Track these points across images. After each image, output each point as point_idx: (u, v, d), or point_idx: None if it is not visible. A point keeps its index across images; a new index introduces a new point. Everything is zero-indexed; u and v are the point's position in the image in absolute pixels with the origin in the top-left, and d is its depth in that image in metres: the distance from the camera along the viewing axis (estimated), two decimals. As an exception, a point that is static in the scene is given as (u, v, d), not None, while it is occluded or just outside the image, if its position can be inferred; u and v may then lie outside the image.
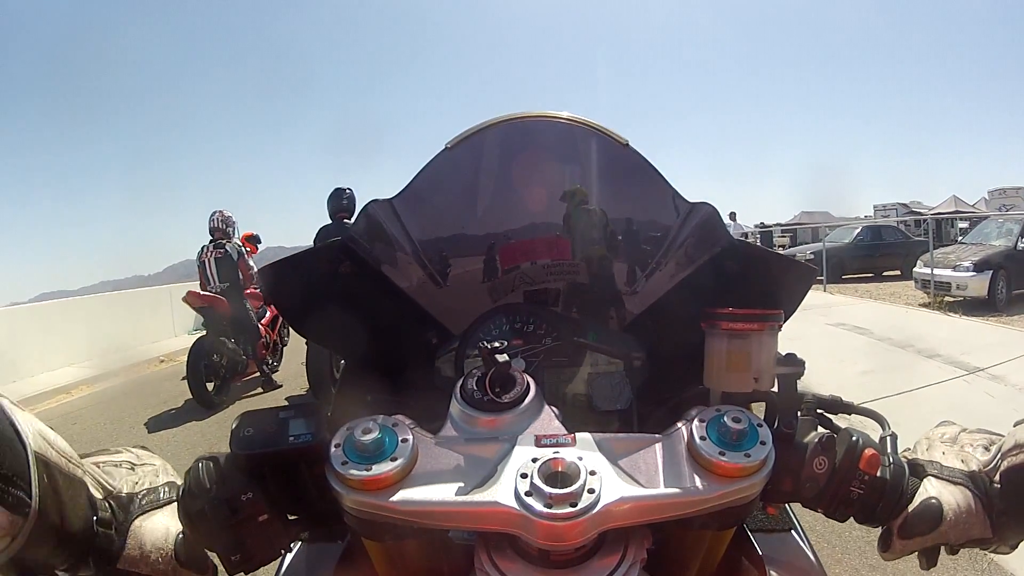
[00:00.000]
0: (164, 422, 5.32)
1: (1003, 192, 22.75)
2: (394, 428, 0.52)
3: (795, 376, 0.60)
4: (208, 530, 0.51)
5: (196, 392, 5.44)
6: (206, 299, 5.75)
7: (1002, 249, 9.11)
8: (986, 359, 5.33)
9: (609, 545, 0.51)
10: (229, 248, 5.99)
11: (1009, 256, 8.89)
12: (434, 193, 0.84)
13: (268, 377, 6.17)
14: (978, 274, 8.66)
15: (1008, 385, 4.64)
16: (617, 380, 0.84)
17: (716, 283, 0.76)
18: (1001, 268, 8.73)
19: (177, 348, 9.22)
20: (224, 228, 6.10)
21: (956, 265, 9.00)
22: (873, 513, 0.57)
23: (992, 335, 6.65)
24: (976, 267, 8.72)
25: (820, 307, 9.01)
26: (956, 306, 8.89)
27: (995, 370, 5.03)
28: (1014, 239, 9.15)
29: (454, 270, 0.88)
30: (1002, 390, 4.55)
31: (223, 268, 5.95)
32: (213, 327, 5.78)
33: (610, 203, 0.86)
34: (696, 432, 0.52)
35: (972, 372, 5.04)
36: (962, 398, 4.41)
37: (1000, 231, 9.81)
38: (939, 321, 7.90)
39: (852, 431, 0.58)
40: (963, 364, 5.28)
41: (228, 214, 6.16)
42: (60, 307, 9.35)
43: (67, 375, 7.57)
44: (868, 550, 2.51)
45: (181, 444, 4.64)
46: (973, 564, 2.44)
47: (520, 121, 0.81)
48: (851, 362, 5.48)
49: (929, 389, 4.62)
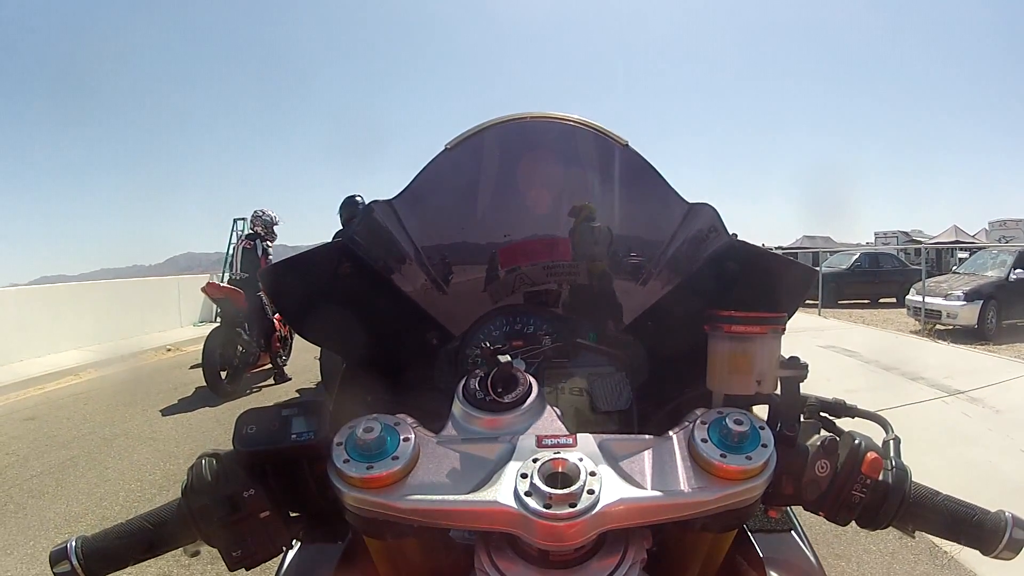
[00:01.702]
0: (177, 407, 5.51)
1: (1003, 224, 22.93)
2: (396, 427, 0.53)
3: (798, 379, 0.60)
4: (210, 526, 0.52)
5: (210, 380, 5.65)
6: (224, 291, 6.08)
7: (994, 280, 9.33)
8: (967, 383, 5.54)
9: (609, 546, 0.50)
10: (259, 243, 6.41)
11: (1000, 287, 9.11)
12: (434, 194, 0.83)
13: (280, 370, 6.43)
14: (968, 303, 8.87)
15: (985, 407, 4.84)
16: (617, 381, 0.84)
17: (716, 284, 0.76)
18: (992, 298, 8.94)
19: (183, 339, 9.45)
20: (253, 227, 6.59)
21: (947, 294, 9.22)
22: (875, 517, 0.56)
23: (976, 361, 6.85)
24: (967, 296, 8.94)
25: (813, 329, 9.23)
26: (946, 334, 9.11)
27: (974, 393, 5.23)
28: (1007, 270, 9.37)
29: (454, 271, 0.87)
30: (978, 411, 4.75)
31: (246, 259, 6.36)
32: (228, 318, 6.04)
33: (610, 204, 0.85)
34: (697, 434, 0.52)
35: (952, 394, 5.24)
36: (938, 417, 4.61)
37: (994, 262, 10.02)
38: (927, 347, 8.10)
39: (855, 434, 0.58)
40: (944, 387, 5.48)
41: (271, 214, 6.62)
42: (68, 291, 9.52)
43: (74, 358, 7.74)
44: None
45: (196, 428, 4.84)
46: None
47: (520, 121, 0.81)
48: (836, 381, 5.67)
49: (907, 408, 4.82)
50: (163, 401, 5.69)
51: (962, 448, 3.94)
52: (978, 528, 0.56)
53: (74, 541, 0.53)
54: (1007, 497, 3.08)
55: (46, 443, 4.56)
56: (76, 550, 0.52)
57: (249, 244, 6.42)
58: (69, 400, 6.00)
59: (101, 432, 4.75)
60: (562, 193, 0.85)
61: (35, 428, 5.02)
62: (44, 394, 6.38)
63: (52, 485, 3.70)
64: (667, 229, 0.82)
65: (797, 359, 0.60)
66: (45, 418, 5.31)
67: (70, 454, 4.26)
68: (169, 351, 8.95)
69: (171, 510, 0.54)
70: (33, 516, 3.24)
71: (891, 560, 2.65)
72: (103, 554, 0.53)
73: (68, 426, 4.98)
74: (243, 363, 5.99)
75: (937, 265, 18.30)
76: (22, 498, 3.51)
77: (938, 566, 2.59)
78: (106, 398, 6.06)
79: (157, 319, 10.24)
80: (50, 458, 4.19)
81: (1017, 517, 0.56)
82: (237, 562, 0.53)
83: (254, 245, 6.38)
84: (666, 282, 0.84)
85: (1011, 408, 4.76)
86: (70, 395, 6.23)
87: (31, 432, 4.89)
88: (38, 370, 7.02)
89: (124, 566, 0.54)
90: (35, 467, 4.04)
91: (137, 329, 9.45)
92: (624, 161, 0.80)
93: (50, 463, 4.09)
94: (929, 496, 0.57)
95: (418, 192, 0.81)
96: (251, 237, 6.48)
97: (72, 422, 5.10)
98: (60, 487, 3.65)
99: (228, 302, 6.01)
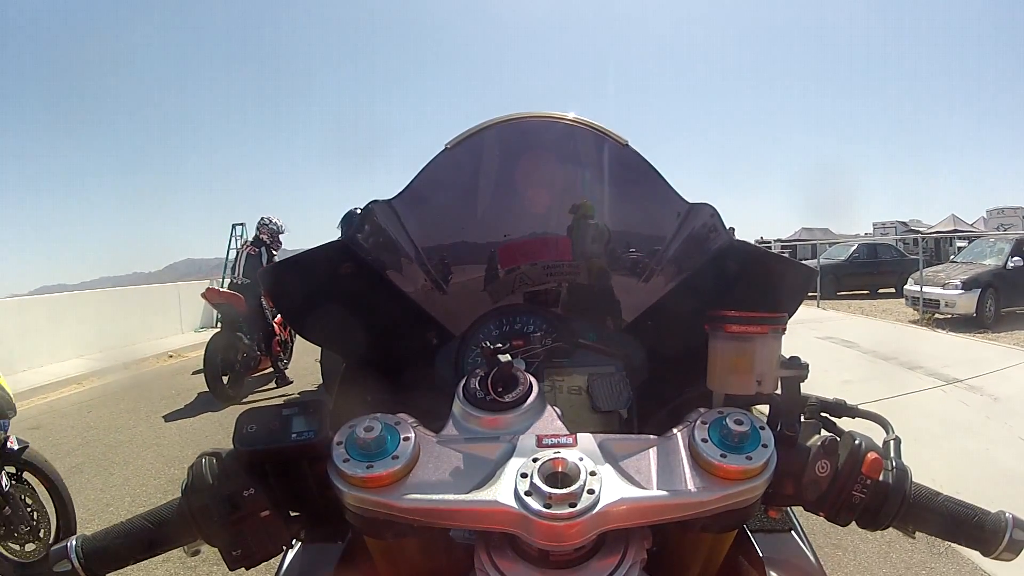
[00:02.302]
0: (181, 413, 5.54)
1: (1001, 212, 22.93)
2: (396, 426, 0.53)
3: (798, 379, 0.60)
4: (209, 525, 0.52)
5: (212, 385, 5.68)
6: (224, 296, 6.12)
7: (992, 268, 9.34)
8: (966, 372, 5.57)
9: (609, 546, 0.50)
10: (264, 251, 6.45)
11: (998, 275, 9.12)
12: (434, 194, 0.83)
13: (281, 373, 6.46)
14: (966, 292, 8.89)
15: (984, 395, 4.88)
16: (617, 381, 0.84)
17: (716, 284, 0.76)
18: (990, 286, 8.96)
19: (185, 345, 9.46)
20: (259, 234, 6.62)
21: (945, 283, 9.24)
22: (876, 518, 0.56)
23: (975, 350, 6.88)
24: (964, 285, 8.95)
25: (811, 321, 9.25)
26: (945, 323, 9.14)
27: (973, 382, 5.27)
28: (1004, 258, 9.38)
29: (454, 271, 0.87)
30: (977, 399, 4.78)
31: (249, 265, 6.39)
32: (229, 323, 6.07)
33: (610, 203, 0.85)
34: (698, 434, 0.52)
35: (950, 383, 5.28)
36: (937, 406, 4.65)
37: (992, 250, 10.03)
38: (925, 336, 8.14)
39: (855, 435, 0.58)
40: (943, 376, 5.51)
41: (278, 222, 6.65)
42: (69, 300, 9.56)
43: (77, 366, 7.77)
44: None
45: (199, 433, 4.87)
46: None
47: (520, 121, 0.81)
48: (835, 372, 5.68)
49: (906, 397, 4.85)
50: (166, 407, 5.71)
51: (959, 436, 3.98)
52: (978, 529, 0.56)
53: (74, 540, 0.53)
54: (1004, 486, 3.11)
55: (51, 451, 4.57)
56: (76, 549, 0.52)
57: (254, 251, 6.46)
58: (73, 408, 6.02)
59: (105, 439, 4.78)
60: (562, 193, 0.85)
61: (40, 437, 5.02)
62: (48, 403, 6.40)
63: (59, 493, 3.72)
64: (667, 229, 0.82)
65: (798, 359, 0.60)
66: (50, 427, 5.33)
67: (76, 461, 4.29)
68: (171, 357, 8.97)
69: (171, 509, 0.54)
70: (41, 523, 3.27)
71: (888, 550, 2.69)
72: (103, 553, 0.53)
73: (73, 434, 5.00)
74: (244, 367, 6.02)
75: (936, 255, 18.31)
76: (29, 506, 3.54)
77: (934, 555, 2.62)
78: (109, 405, 6.09)
79: (158, 325, 10.27)
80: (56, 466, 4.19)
81: (1017, 518, 0.56)
82: (237, 561, 0.53)
83: (258, 252, 6.42)
84: (666, 282, 0.84)
85: (1009, 396, 4.80)
86: (74, 403, 6.26)
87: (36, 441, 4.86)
88: (41, 379, 7.04)
89: (124, 565, 0.54)
90: (41, 475, 4.06)
91: (138, 336, 9.47)
92: (624, 161, 0.80)
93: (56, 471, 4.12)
94: (929, 497, 0.57)
95: (418, 192, 0.81)
96: (256, 243, 6.52)
97: (76, 430, 5.12)
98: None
99: (228, 307, 6.04)
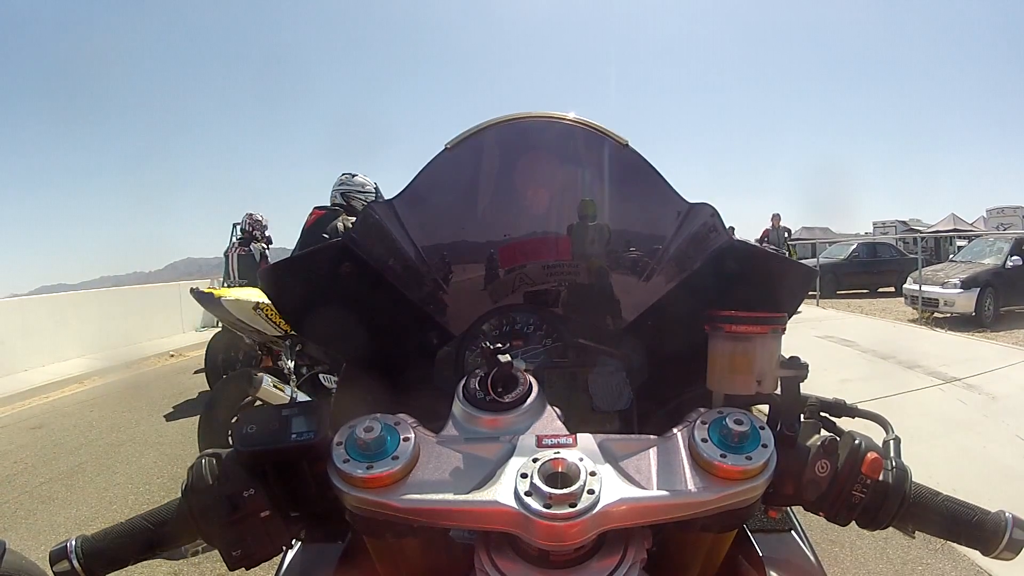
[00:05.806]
0: (183, 411, 5.55)
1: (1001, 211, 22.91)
2: (396, 427, 0.53)
3: (798, 379, 0.60)
4: (210, 525, 0.52)
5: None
6: None
7: (991, 267, 9.35)
8: (964, 370, 5.59)
9: (609, 546, 0.50)
10: (253, 248, 6.48)
11: (997, 274, 9.14)
12: (434, 194, 0.83)
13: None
14: (965, 291, 8.90)
15: (982, 394, 4.89)
16: (617, 381, 0.84)
17: (716, 284, 0.76)
18: (989, 286, 8.97)
19: (186, 344, 9.48)
20: (250, 231, 6.62)
21: (944, 282, 9.25)
22: (876, 517, 0.56)
23: (973, 349, 6.90)
24: (963, 284, 8.96)
25: (810, 320, 9.25)
26: (943, 322, 9.16)
27: (971, 380, 5.29)
28: (1003, 257, 9.40)
29: (454, 271, 0.87)
30: (975, 398, 4.80)
31: (243, 265, 6.42)
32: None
33: (610, 203, 0.85)
34: (697, 434, 0.52)
35: (948, 382, 5.29)
36: (935, 405, 4.66)
37: (991, 249, 10.04)
38: (924, 335, 8.15)
39: (855, 434, 0.58)
40: (941, 374, 5.53)
41: (259, 217, 6.64)
42: (70, 299, 9.55)
43: (78, 366, 7.78)
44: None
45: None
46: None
47: (520, 121, 0.80)
48: (833, 371, 5.70)
49: (903, 396, 4.87)
50: (168, 406, 5.73)
51: (957, 435, 4.00)
52: (978, 528, 0.56)
53: (74, 540, 0.53)
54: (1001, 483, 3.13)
55: (54, 450, 4.62)
56: (76, 549, 0.52)
57: (244, 251, 6.49)
58: (75, 408, 6.05)
59: (108, 438, 4.80)
60: (562, 193, 0.85)
61: (43, 436, 5.06)
62: (50, 402, 6.43)
63: (61, 491, 3.75)
64: (667, 229, 0.82)
65: (797, 359, 0.61)
66: (52, 426, 5.36)
67: (78, 460, 4.31)
68: (172, 357, 8.98)
69: (171, 510, 0.54)
70: (43, 521, 3.29)
71: (884, 545, 2.71)
72: (103, 553, 0.53)
73: (75, 433, 5.03)
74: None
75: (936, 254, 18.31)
76: (32, 504, 3.56)
77: (931, 551, 2.64)
78: (111, 405, 6.11)
79: (159, 325, 10.29)
80: (58, 465, 4.24)
81: (1017, 518, 0.56)
82: (237, 562, 0.53)
83: (249, 251, 6.45)
84: (666, 281, 0.84)
85: (1007, 395, 4.81)
86: (76, 403, 6.28)
87: (39, 440, 4.94)
88: (43, 379, 7.06)
89: (124, 565, 0.54)
90: (44, 474, 4.09)
91: (140, 335, 9.47)
92: (624, 161, 0.80)
93: (59, 470, 4.14)
94: (929, 496, 0.57)
95: (418, 192, 0.81)
96: (244, 242, 6.53)
97: (79, 429, 5.14)
98: (69, 492, 3.70)
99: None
